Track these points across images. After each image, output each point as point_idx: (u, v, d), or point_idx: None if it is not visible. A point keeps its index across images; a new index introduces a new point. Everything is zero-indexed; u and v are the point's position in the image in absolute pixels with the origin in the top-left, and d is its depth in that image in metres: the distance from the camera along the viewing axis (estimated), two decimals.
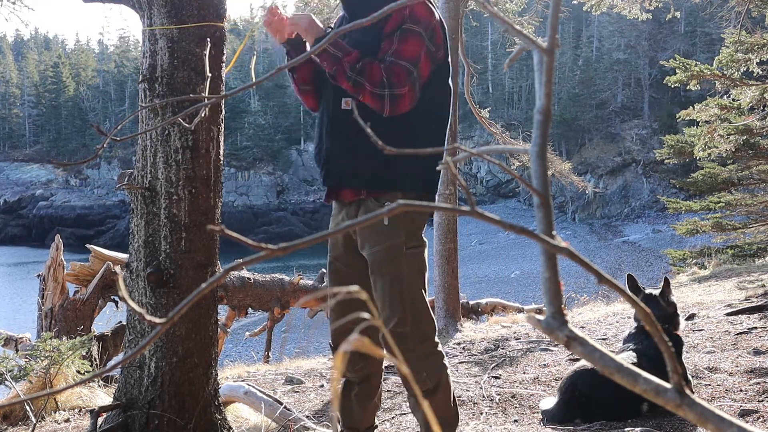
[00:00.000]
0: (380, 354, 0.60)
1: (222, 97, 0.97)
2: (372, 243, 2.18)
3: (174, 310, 0.52)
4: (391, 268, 2.17)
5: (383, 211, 0.54)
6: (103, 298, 5.10)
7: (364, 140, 2.08)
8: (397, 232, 2.16)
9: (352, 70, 2.05)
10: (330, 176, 2.26)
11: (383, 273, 2.17)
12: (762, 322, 4.87)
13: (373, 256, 2.18)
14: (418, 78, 2.10)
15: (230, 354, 9.29)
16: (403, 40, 2.10)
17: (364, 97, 2.08)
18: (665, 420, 2.86)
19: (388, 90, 2.06)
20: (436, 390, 2.21)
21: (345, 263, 2.31)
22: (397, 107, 2.08)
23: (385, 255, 2.16)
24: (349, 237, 2.28)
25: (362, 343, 0.54)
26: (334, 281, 2.35)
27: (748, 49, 8.30)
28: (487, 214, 0.53)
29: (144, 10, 2.48)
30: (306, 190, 50.32)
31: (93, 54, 70.58)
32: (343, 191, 2.28)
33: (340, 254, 2.32)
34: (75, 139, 56.49)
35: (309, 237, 0.53)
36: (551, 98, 0.58)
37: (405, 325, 2.16)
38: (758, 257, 11.95)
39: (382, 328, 0.48)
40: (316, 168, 2.38)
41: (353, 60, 2.06)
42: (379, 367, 2.40)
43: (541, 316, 0.53)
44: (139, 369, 2.49)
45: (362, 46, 2.12)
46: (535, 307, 8.86)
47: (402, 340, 2.13)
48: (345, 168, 2.21)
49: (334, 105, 2.21)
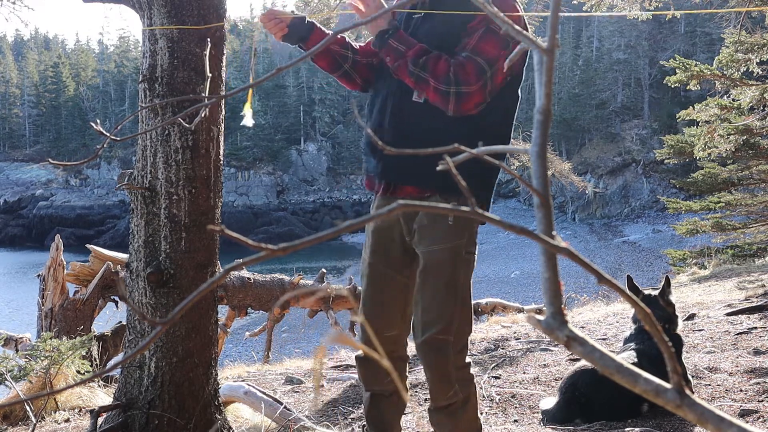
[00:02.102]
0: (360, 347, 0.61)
1: (222, 97, 0.98)
2: (433, 240, 2.04)
3: (174, 311, 0.52)
4: (448, 270, 2.04)
5: (383, 211, 0.54)
6: (103, 298, 5.10)
7: (435, 135, 2.00)
8: (460, 233, 2.04)
9: (415, 64, 1.94)
10: (391, 171, 2.10)
11: (439, 275, 2.04)
12: (762, 322, 4.87)
13: (431, 254, 2.05)
14: (492, 80, 1.96)
15: (230, 354, 9.29)
16: (486, 38, 1.97)
17: (428, 94, 1.96)
18: (665, 420, 2.86)
19: (455, 87, 1.93)
20: (465, 403, 2.10)
21: (390, 266, 2.15)
22: (463, 106, 1.95)
23: (444, 255, 2.03)
24: (401, 234, 2.13)
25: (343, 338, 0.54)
26: (372, 285, 2.17)
27: (748, 49, 8.30)
28: (487, 214, 0.53)
29: (144, 10, 2.48)
30: (306, 190, 50.33)
31: (93, 54, 70.60)
32: (404, 187, 2.10)
33: (385, 255, 2.16)
34: (75, 139, 56.49)
35: (309, 237, 0.53)
36: (551, 98, 0.58)
37: (449, 334, 2.04)
38: (758, 257, 11.95)
39: (366, 325, 0.48)
40: (366, 155, 2.20)
41: (417, 54, 1.95)
42: (405, 381, 2.33)
43: (541, 316, 0.53)
44: (139, 369, 2.49)
45: (443, 38, 2.02)
46: (535, 307, 8.86)
47: (441, 350, 2.03)
48: (411, 165, 2.02)
49: (403, 95, 2.06)
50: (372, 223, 2.16)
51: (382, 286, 2.15)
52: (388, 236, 2.15)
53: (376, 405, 2.24)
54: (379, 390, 2.22)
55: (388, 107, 2.10)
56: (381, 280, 2.15)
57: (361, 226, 0.54)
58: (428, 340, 2.04)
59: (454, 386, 2.06)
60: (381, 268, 2.15)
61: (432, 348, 2.04)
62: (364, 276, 2.20)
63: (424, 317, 2.05)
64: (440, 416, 2.12)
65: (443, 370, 2.05)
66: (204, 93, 2.34)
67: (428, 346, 2.04)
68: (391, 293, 2.15)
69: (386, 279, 2.15)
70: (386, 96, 2.12)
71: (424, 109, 2.04)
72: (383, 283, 2.15)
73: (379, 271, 2.16)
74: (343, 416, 3.38)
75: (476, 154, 0.61)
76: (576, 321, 6.43)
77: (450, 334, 2.04)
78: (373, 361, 2.23)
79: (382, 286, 2.15)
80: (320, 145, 52.94)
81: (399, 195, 2.11)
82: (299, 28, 2.15)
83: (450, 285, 2.04)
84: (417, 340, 2.08)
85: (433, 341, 2.04)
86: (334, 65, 2.22)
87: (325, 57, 2.20)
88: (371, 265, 2.17)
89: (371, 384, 2.23)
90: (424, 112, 2.04)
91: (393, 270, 2.15)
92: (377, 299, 2.16)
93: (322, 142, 53.11)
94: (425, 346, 2.05)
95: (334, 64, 2.22)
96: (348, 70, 2.23)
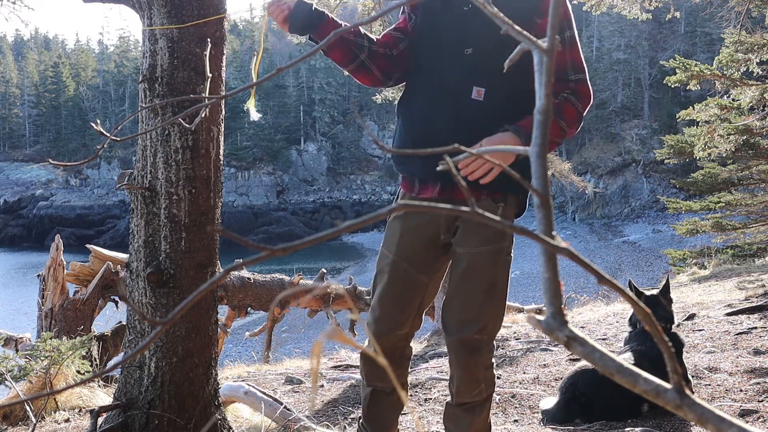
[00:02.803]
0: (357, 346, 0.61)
1: (222, 97, 0.97)
2: (482, 241, 2.01)
3: (174, 311, 0.52)
4: (492, 271, 2.02)
5: (383, 211, 0.54)
6: (103, 298, 5.10)
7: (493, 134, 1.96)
8: (506, 235, 2.02)
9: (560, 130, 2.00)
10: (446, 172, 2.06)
11: (483, 275, 2.02)
12: (762, 322, 4.87)
13: (476, 255, 2.02)
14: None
15: (230, 354, 9.29)
16: (574, 48, 2.09)
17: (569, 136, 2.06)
18: (665, 420, 2.86)
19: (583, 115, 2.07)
20: (485, 402, 2.13)
21: (414, 265, 2.10)
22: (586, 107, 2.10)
23: (490, 257, 2.01)
24: (436, 233, 2.09)
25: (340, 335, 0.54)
26: (393, 283, 2.11)
27: (748, 49, 8.30)
28: (487, 215, 0.53)
29: (144, 10, 2.48)
30: (306, 190, 50.35)
31: (93, 54, 70.60)
32: (458, 189, 2.02)
33: (412, 254, 2.10)
34: (75, 139, 56.53)
35: (309, 237, 0.53)
36: (551, 98, 0.58)
37: (485, 334, 2.03)
38: (758, 257, 11.95)
39: (365, 327, 0.48)
40: (412, 159, 2.07)
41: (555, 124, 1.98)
42: (407, 379, 2.32)
43: (541, 317, 0.53)
44: (139, 369, 2.49)
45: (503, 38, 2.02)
46: (535, 307, 8.86)
47: (476, 349, 2.03)
48: None
49: (461, 92, 1.99)
50: (400, 220, 2.12)
51: (404, 285, 2.11)
52: (419, 235, 2.10)
53: (376, 402, 2.23)
54: (381, 387, 2.21)
55: (443, 105, 2.02)
56: (403, 279, 2.11)
57: (361, 226, 0.54)
58: (464, 339, 2.04)
59: (480, 385, 2.07)
60: (405, 266, 2.10)
61: (467, 347, 2.05)
62: (384, 273, 2.14)
63: (462, 316, 2.04)
64: (461, 412, 2.13)
65: (474, 368, 2.06)
66: (204, 93, 2.34)
67: (463, 344, 2.05)
68: (411, 293, 2.12)
69: (408, 278, 2.11)
70: (438, 94, 2.03)
71: (482, 107, 1.99)
72: (405, 282, 2.11)
73: (402, 270, 2.11)
74: (343, 416, 3.38)
75: (476, 153, 0.61)
76: (576, 321, 6.43)
77: (485, 334, 2.04)
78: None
79: (404, 284, 2.11)
80: (320, 145, 52.94)
81: (456, 197, 2.05)
82: (303, 15, 2.02)
83: (491, 286, 2.03)
84: (451, 337, 2.07)
85: (469, 340, 2.04)
86: (348, 56, 2.07)
87: (339, 47, 2.05)
88: (395, 263, 2.11)
89: (373, 380, 2.22)
90: (483, 110, 1.99)
91: (417, 270, 2.11)
92: (396, 297, 2.12)
93: (322, 142, 53.12)
94: (460, 344, 2.05)
95: (348, 54, 2.06)
96: (365, 60, 2.08)
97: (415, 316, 2.16)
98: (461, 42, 2.02)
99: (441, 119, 2.02)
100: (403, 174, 2.16)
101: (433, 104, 2.04)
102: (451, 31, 2.04)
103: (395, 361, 2.19)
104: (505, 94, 2.00)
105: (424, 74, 2.08)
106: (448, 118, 2.01)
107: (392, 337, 2.13)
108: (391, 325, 2.12)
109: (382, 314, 2.12)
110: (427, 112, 2.04)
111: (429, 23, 2.09)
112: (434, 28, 2.08)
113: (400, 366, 2.22)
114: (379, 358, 0.54)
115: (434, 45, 2.07)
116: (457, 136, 1.87)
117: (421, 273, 2.11)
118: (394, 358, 2.18)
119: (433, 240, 2.10)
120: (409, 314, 2.14)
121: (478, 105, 1.99)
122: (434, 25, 2.08)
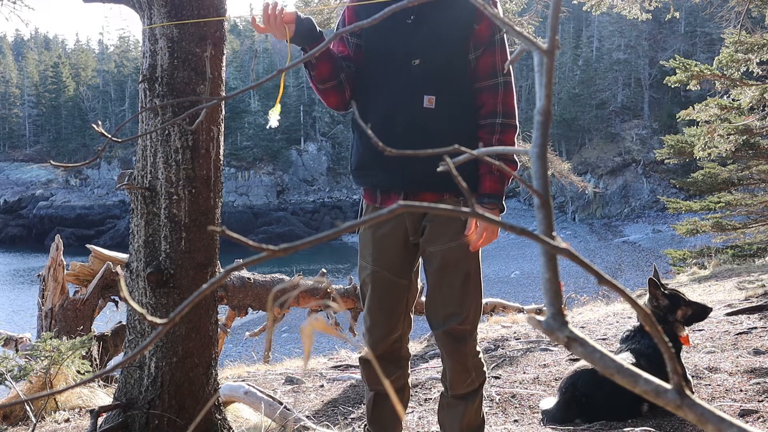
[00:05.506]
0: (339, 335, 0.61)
1: (222, 98, 0.97)
2: (448, 238, 2.09)
3: (175, 311, 0.52)
4: (465, 264, 2.12)
5: (384, 211, 0.54)
6: (103, 298, 5.10)
7: (448, 140, 2.01)
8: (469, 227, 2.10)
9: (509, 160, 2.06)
10: (408, 180, 2.10)
11: (457, 269, 2.11)
12: (762, 322, 4.87)
13: (448, 251, 2.10)
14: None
15: (230, 354, 9.30)
16: (504, 52, 2.10)
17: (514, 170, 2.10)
18: (665, 420, 2.86)
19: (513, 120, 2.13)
20: (478, 391, 2.21)
21: (393, 271, 2.18)
22: None
23: (461, 250, 2.09)
24: (405, 236, 2.16)
25: (321, 325, 0.54)
26: (378, 293, 2.20)
27: (748, 49, 8.30)
28: (487, 215, 0.53)
29: (144, 10, 2.48)
30: (306, 190, 50.33)
31: (93, 54, 70.55)
32: (423, 194, 2.11)
33: (389, 262, 2.18)
34: (75, 139, 56.51)
35: (309, 238, 0.53)
36: (551, 99, 0.58)
37: (467, 323, 2.13)
38: (758, 257, 11.95)
39: (368, 335, 0.48)
40: (368, 168, 2.16)
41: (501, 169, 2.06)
42: (407, 380, 2.36)
43: (541, 317, 0.53)
44: (139, 369, 2.49)
45: (446, 40, 2.05)
46: (535, 307, 8.86)
47: (461, 339, 2.13)
48: (429, 171, 1.96)
49: (413, 102, 2.06)
50: (370, 231, 2.21)
51: (387, 293, 2.20)
52: (391, 242, 2.19)
53: (379, 405, 2.31)
54: (383, 390, 2.28)
55: (397, 116, 2.08)
56: (386, 288, 2.20)
57: (361, 226, 0.54)
58: (450, 330, 2.13)
59: (471, 374, 2.17)
60: (385, 275, 2.19)
61: (453, 338, 2.14)
62: (367, 284, 2.22)
63: (445, 310, 2.13)
64: (454, 400, 2.21)
65: (463, 357, 2.15)
66: (204, 93, 2.34)
67: (449, 336, 2.14)
68: (395, 299, 2.22)
69: (390, 285, 2.20)
70: (392, 105, 2.09)
71: (435, 114, 2.06)
72: (388, 290, 2.20)
73: (383, 279, 2.20)
74: (343, 416, 3.38)
75: (477, 155, 0.61)
76: (576, 321, 6.43)
77: (469, 323, 2.14)
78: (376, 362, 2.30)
79: (387, 292, 2.20)
80: (320, 145, 52.93)
81: None
82: (309, 22, 2.04)
83: (467, 278, 2.13)
84: (437, 331, 2.16)
85: (454, 331, 2.13)
86: (333, 72, 2.11)
87: (330, 60, 2.10)
88: (375, 273, 2.20)
89: (375, 384, 2.29)
90: (436, 117, 2.06)
91: (396, 275, 2.20)
92: (383, 306, 2.21)
93: (322, 142, 53.11)
94: (447, 336, 2.14)
95: (334, 71, 2.11)
96: (343, 80, 2.13)
97: (404, 318, 2.25)
98: (408, 54, 2.08)
99: (396, 129, 2.07)
100: (365, 187, 2.24)
101: (387, 116, 2.09)
102: (398, 44, 2.09)
103: (394, 363, 2.28)
104: (454, 100, 2.08)
105: (376, 87, 2.14)
106: (403, 127, 2.07)
107: (387, 342, 2.22)
108: (383, 332, 2.21)
109: (373, 323, 2.22)
110: (383, 124, 2.08)
111: (375, 39, 2.14)
112: (381, 43, 2.13)
113: (400, 367, 2.29)
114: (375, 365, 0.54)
115: (383, 59, 2.13)
116: (414, 145, 1.99)
117: (401, 277, 2.20)
118: (393, 360, 2.27)
119: (405, 243, 2.18)
120: (398, 318, 2.23)
121: (431, 113, 2.06)
122: (381, 39, 2.13)
